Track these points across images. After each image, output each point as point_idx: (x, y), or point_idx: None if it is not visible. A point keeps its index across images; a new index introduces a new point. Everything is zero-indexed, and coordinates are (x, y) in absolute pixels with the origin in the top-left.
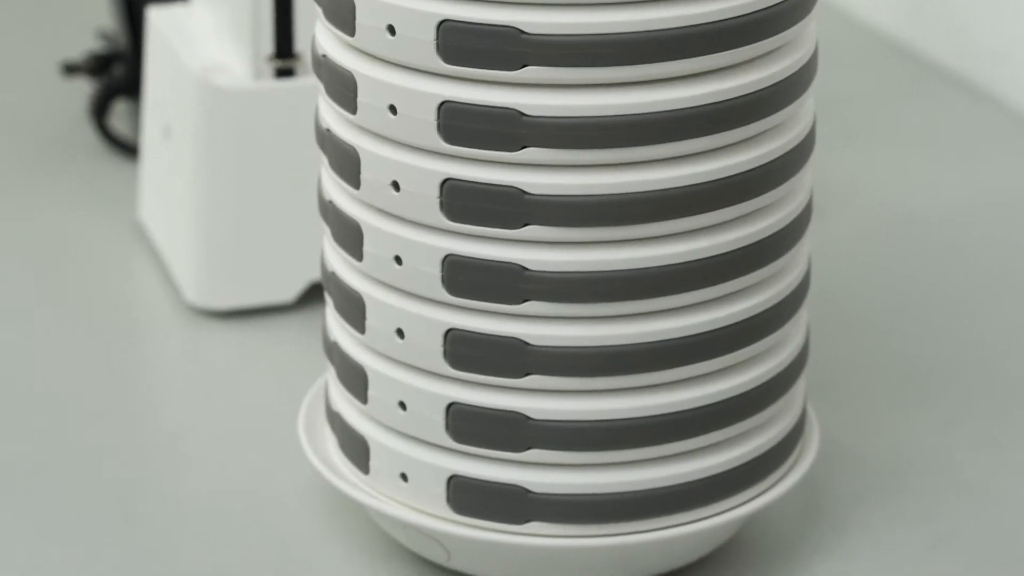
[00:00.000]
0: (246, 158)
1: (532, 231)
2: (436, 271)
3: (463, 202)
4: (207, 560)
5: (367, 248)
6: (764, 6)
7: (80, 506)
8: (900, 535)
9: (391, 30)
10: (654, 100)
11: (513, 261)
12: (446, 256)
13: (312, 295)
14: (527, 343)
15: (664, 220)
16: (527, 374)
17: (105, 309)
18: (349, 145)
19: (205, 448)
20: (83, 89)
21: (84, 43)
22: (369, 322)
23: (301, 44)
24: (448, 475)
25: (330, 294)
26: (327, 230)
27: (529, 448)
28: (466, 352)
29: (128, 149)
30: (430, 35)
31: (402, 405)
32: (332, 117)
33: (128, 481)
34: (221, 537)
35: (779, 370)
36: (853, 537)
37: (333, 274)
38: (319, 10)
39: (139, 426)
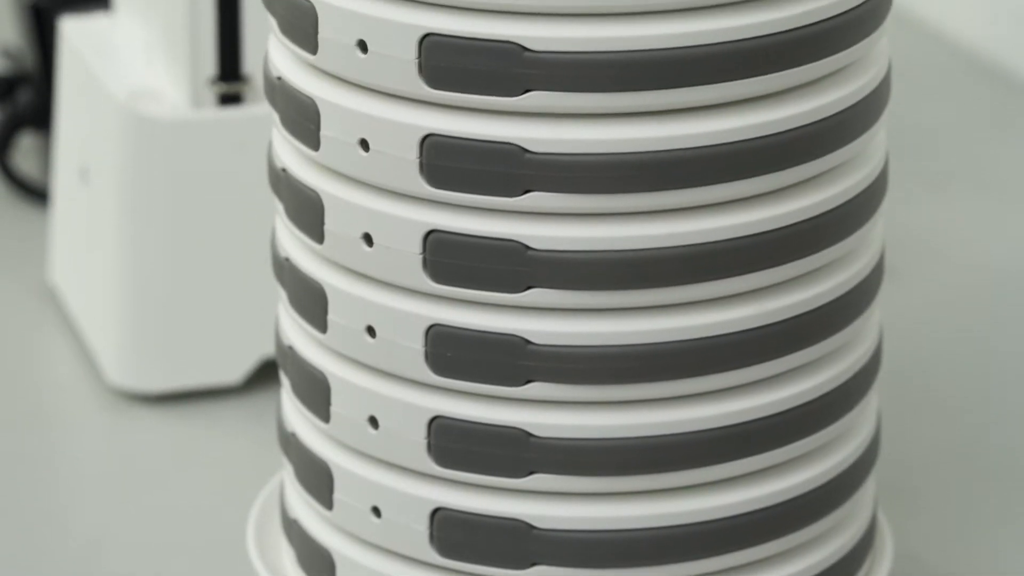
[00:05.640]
0: (182, 206)
1: (536, 295)
2: (418, 346)
3: (451, 260)
4: None
5: (332, 317)
6: (825, 17)
7: None
8: None
9: (362, 46)
10: (689, 133)
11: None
12: (431, 327)
13: (264, 375)
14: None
15: (701, 282)
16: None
17: (7, 391)
18: (311, 189)
19: (130, 563)
20: None
21: None
22: (335, 408)
23: (251, 64)
24: None
25: (287, 374)
26: (283, 294)
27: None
28: (454, 447)
29: (37, 194)
30: (410, 53)
31: (376, 511)
32: (290, 155)
33: None
34: None
35: (843, 468)
36: None
37: (291, 349)
38: (273, 22)
39: (48, 535)
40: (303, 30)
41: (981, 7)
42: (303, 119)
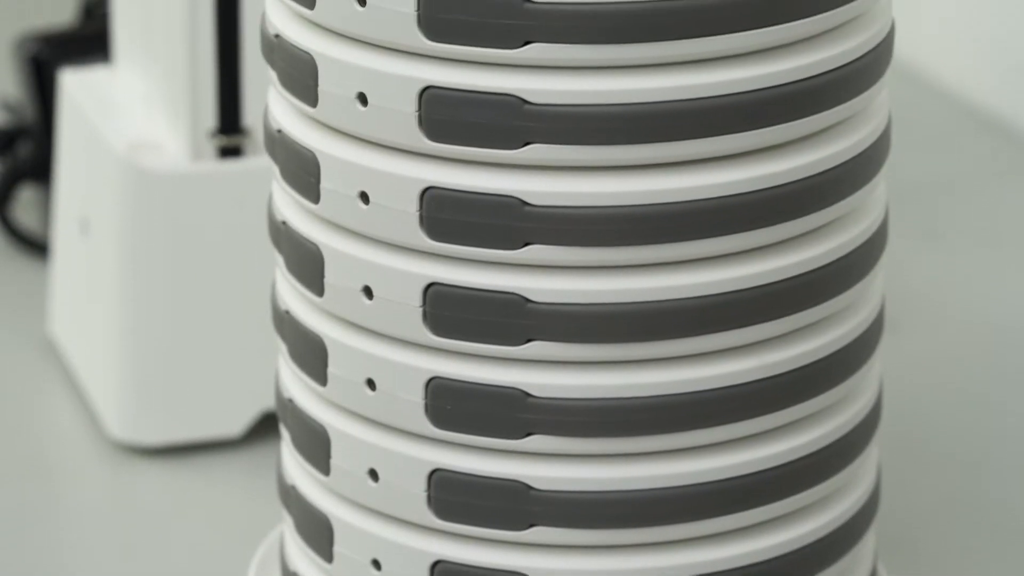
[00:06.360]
0: (182, 258)
1: (536, 348)
2: (418, 398)
3: (451, 313)
4: None
5: (332, 370)
6: (825, 70)
7: None
8: None
9: (362, 99)
10: (689, 186)
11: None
12: (431, 380)
13: (264, 428)
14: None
15: (701, 335)
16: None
17: (7, 444)
18: (311, 242)
19: None
20: None
21: None
22: (335, 461)
23: (251, 117)
24: None
25: (287, 427)
26: (283, 347)
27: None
28: (455, 500)
29: (36, 247)
30: (410, 105)
31: (376, 564)
32: (290, 207)
33: None
34: None
35: (842, 521)
36: None
37: (291, 402)
38: (273, 75)
39: None
40: (303, 83)
41: (981, 59)
42: (303, 172)
